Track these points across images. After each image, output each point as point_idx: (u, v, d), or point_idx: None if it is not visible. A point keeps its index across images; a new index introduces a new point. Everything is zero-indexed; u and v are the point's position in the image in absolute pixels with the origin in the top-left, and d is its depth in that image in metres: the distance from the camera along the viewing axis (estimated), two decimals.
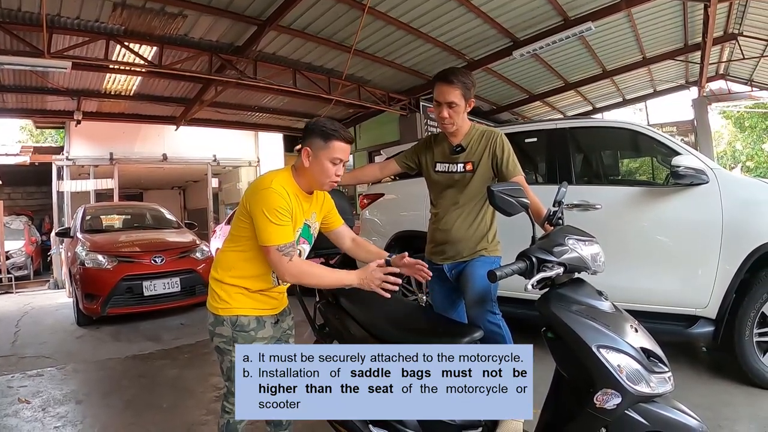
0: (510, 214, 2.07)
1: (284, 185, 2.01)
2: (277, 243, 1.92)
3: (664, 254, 3.66)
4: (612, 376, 1.69)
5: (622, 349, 1.73)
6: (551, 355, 1.94)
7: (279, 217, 1.92)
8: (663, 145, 3.80)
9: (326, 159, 2.02)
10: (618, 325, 1.82)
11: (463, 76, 2.60)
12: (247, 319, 2.06)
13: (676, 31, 9.82)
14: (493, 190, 2.04)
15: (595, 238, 2.00)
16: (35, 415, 3.56)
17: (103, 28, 7.31)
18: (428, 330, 2.31)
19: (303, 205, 2.10)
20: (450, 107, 2.59)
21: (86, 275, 6.23)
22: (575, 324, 1.78)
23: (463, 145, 2.70)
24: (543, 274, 1.81)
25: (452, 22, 8.11)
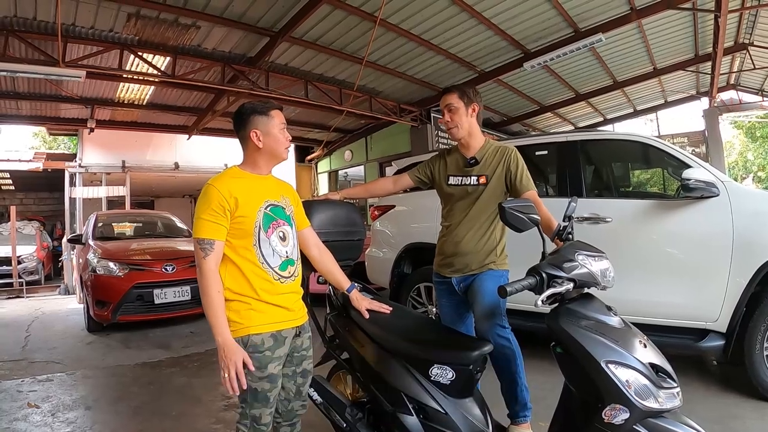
0: (521, 230, 2.10)
1: (229, 176, 2.05)
2: (197, 235, 1.94)
3: (675, 267, 3.65)
4: (620, 392, 1.69)
5: (631, 365, 1.73)
6: (560, 370, 1.95)
7: (209, 213, 1.93)
8: (673, 157, 3.80)
9: (275, 128, 2.11)
10: (627, 340, 1.82)
11: (462, 85, 2.84)
12: (260, 338, 1.96)
13: (686, 42, 9.84)
14: (504, 206, 2.07)
15: (605, 253, 2.00)
16: (45, 419, 3.58)
17: (117, 38, 7.43)
18: (438, 343, 2.33)
19: (264, 185, 2.12)
20: (449, 111, 2.76)
21: (97, 282, 6.28)
22: (584, 339, 1.80)
23: (477, 158, 2.75)
24: (553, 290, 1.83)
25: (463, 34, 8.16)
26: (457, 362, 2.16)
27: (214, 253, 1.92)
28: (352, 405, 2.48)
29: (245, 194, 2.00)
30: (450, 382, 2.14)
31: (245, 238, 1.99)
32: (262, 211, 2.03)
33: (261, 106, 2.12)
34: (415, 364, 2.22)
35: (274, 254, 2.04)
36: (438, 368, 2.15)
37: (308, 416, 3.19)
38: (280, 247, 2.07)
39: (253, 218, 2.00)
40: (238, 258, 1.98)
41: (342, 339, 2.56)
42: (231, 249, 1.98)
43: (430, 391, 2.17)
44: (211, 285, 1.90)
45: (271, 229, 2.05)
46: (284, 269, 2.07)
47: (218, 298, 1.90)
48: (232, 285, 1.97)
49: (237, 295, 1.97)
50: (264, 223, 2.03)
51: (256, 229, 2.00)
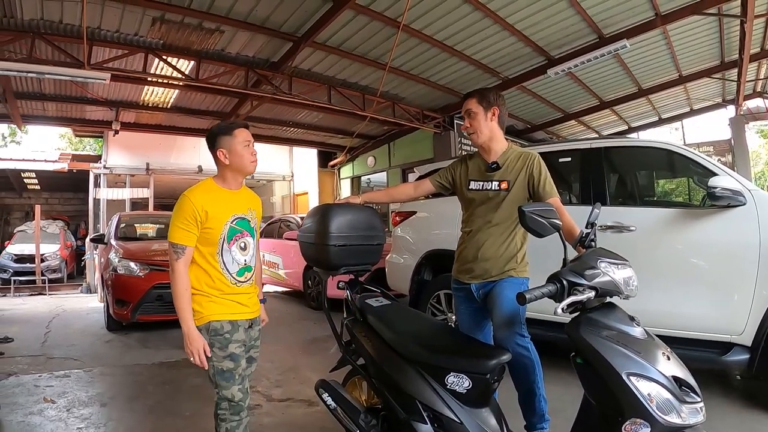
0: (541, 235, 2.03)
1: (203, 190, 2.31)
2: (172, 240, 2.24)
3: (699, 278, 3.55)
4: (642, 406, 1.63)
5: (653, 378, 1.67)
6: (579, 381, 1.89)
7: (182, 221, 2.22)
8: (699, 165, 3.70)
9: (238, 146, 2.32)
10: (650, 352, 1.75)
11: (482, 89, 2.82)
12: (219, 324, 2.27)
13: (712, 48, 9.62)
14: (524, 210, 2.01)
15: (628, 261, 1.94)
16: (59, 414, 3.62)
17: (142, 41, 7.54)
18: (455, 350, 2.28)
19: (232, 199, 2.37)
20: (468, 116, 2.74)
21: (118, 281, 6.35)
22: (605, 350, 1.73)
23: (499, 163, 2.70)
24: (573, 298, 1.77)
25: (487, 40, 8.10)
26: (474, 371, 2.10)
27: (184, 256, 2.24)
28: (367, 411, 2.44)
29: (215, 208, 2.28)
30: (466, 391, 2.09)
31: (210, 246, 2.29)
32: (228, 225, 2.31)
33: (225, 127, 2.36)
34: (431, 372, 2.17)
35: (233, 262, 2.34)
36: (454, 376, 2.10)
37: (324, 422, 3.21)
38: (240, 256, 2.36)
39: (219, 230, 2.28)
40: (204, 262, 2.30)
41: (358, 344, 2.52)
42: (198, 253, 2.29)
43: (445, 400, 2.12)
44: (181, 283, 2.22)
45: (234, 240, 2.34)
46: (241, 275, 2.37)
47: (186, 294, 2.22)
48: (197, 283, 2.28)
49: (201, 291, 2.28)
50: (228, 235, 2.31)
51: (221, 240, 2.30)
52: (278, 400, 3.85)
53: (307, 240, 2.68)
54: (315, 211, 2.76)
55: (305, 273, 8.36)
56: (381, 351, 2.35)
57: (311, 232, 2.64)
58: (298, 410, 3.67)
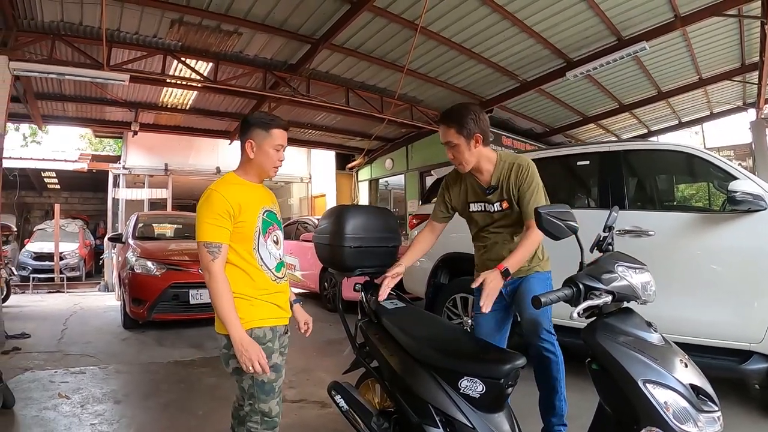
0: (558, 237, 1.99)
1: (229, 183, 2.15)
2: (204, 239, 2.02)
3: (718, 284, 3.47)
4: (658, 414, 1.59)
5: (670, 385, 1.63)
6: (595, 387, 1.86)
7: (214, 217, 2.02)
8: (720, 169, 3.63)
9: (269, 147, 2.17)
10: (667, 359, 1.71)
11: (458, 113, 2.52)
12: (262, 331, 2.10)
13: (732, 50, 9.45)
14: (540, 212, 1.96)
15: (646, 265, 1.90)
16: (73, 410, 3.65)
17: (160, 43, 7.63)
18: (469, 354, 2.25)
19: (258, 192, 2.22)
20: (450, 147, 2.55)
21: (135, 280, 6.41)
22: (621, 356, 1.69)
23: (494, 184, 2.58)
24: (590, 302, 1.74)
25: (505, 42, 8.05)
26: (488, 375, 2.06)
27: (221, 255, 2.04)
28: (379, 414, 2.42)
29: (246, 200, 2.11)
30: (479, 396, 2.05)
31: (246, 242, 2.11)
32: (260, 217, 2.16)
33: (264, 122, 2.18)
34: (444, 375, 2.14)
35: (271, 257, 2.18)
36: (468, 380, 2.07)
37: (337, 424, 3.19)
38: (275, 250, 2.21)
39: (253, 223, 2.12)
40: (241, 261, 2.10)
41: (371, 346, 2.50)
42: (232, 252, 2.09)
43: (458, 404, 2.09)
44: (222, 286, 2.01)
45: (268, 233, 2.18)
46: (279, 270, 2.22)
47: (229, 298, 2.02)
48: (234, 285, 2.07)
49: (239, 294, 2.08)
50: (262, 228, 2.15)
51: (256, 234, 2.13)
52: (291, 401, 3.84)
53: (322, 241, 2.68)
54: (330, 212, 2.76)
55: (321, 275, 8.37)
56: (394, 353, 2.32)
57: (326, 233, 2.63)
58: (311, 412, 3.66)
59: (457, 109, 2.54)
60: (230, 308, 2.00)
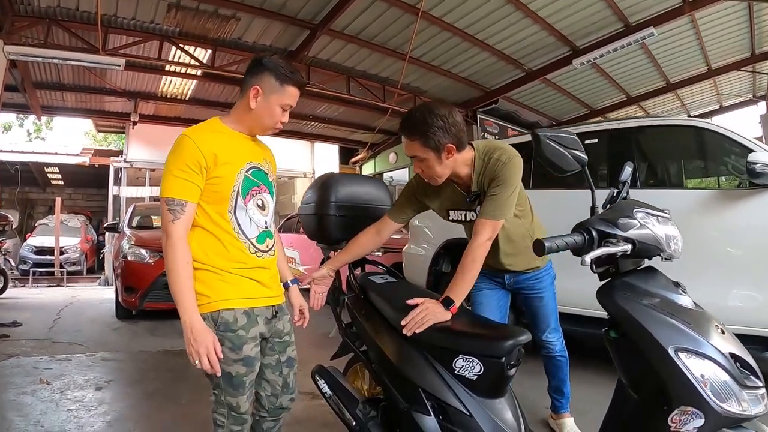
0: (562, 170, 1.67)
1: (207, 129, 1.77)
2: (166, 194, 1.64)
3: (738, 267, 3.25)
4: (694, 390, 1.29)
5: (708, 354, 1.32)
6: (614, 361, 1.54)
7: (181, 168, 1.64)
8: (736, 143, 3.40)
9: (277, 103, 1.79)
10: (701, 323, 1.40)
11: (421, 122, 1.93)
12: (231, 314, 1.70)
13: (742, 39, 9.25)
14: (539, 135, 1.63)
15: (670, 215, 1.61)
16: (52, 396, 3.52)
17: (158, 29, 7.51)
18: (464, 329, 1.91)
19: (246, 144, 1.84)
20: (419, 161, 2.02)
21: (127, 268, 6.25)
22: (647, 319, 1.39)
23: (476, 190, 2.10)
24: (605, 249, 1.42)
25: (509, 29, 7.89)
26: (487, 353, 1.75)
27: (185, 216, 1.65)
28: (366, 401, 2.14)
29: (225, 152, 1.72)
30: (477, 378, 1.74)
31: (220, 202, 1.73)
32: (242, 174, 1.77)
33: (284, 72, 1.77)
34: (437, 354, 1.84)
35: (251, 224, 1.79)
36: (463, 360, 1.76)
37: (326, 416, 2.99)
38: (259, 216, 1.82)
39: (231, 181, 1.73)
40: (211, 225, 1.73)
41: (358, 325, 2.23)
42: (203, 214, 1.72)
43: (452, 388, 1.78)
44: (179, 254, 1.63)
45: (250, 195, 1.79)
46: (262, 241, 1.83)
47: (186, 271, 1.64)
48: (200, 255, 1.70)
49: (206, 265, 1.70)
50: (243, 187, 1.76)
51: (234, 194, 1.74)
52: None
53: (307, 211, 2.46)
54: (316, 181, 2.55)
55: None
56: (381, 331, 2.06)
57: (311, 202, 2.42)
58: (300, 403, 3.45)
59: (419, 115, 1.95)
60: (185, 284, 1.62)
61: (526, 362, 2.84)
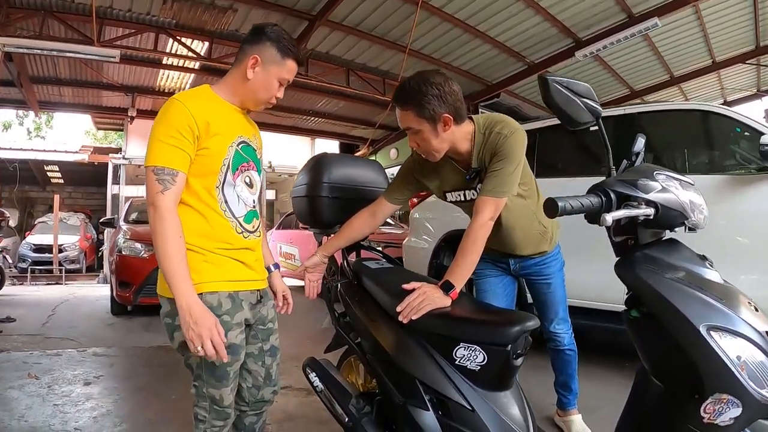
0: (575, 122, 1.48)
1: (199, 96, 1.61)
2: (154, 162, 1.48)
3: (749, 255, 3.11)
4: (729, 374, 1.11)
5: (742, 333, 1.15)
6: (635, 345, 1.36)
7: (171, 134, 1.48)
8: (747, 126, 3.26)
9: (275, 76, 1.66)
10: (733, 299, 1.22)
11: (415, 90, 1.79)
12: (215, 298, 1.56)
13: (746, 31, 9.08)
14: (548, 79, 1.43)
15: (694, 183, 1.42)
16: (39, 390, 3.42)
17: (154, 21, 7.40)
18: (466, 315, 1.73)
19: (236, 116, 1.70)
20: (414, 134, 1.87)
21: (122, 263, 6.13)
22: (674, 294, 1.21)
23: (476, 167, 1.95)
24: (627, 212, 1.24)
25: (511, 20, 7.75)
26: (491, 340, 1.57)
27: (175, 187, 1.49)
28: (359, 396, 1.97)
29: (218, 122, 1.58)
30: (480, 368, 1.56)
31: (207, 176, 1.58)
32: (233, 148, 1.63)
33: (286, 44, 1.65)
34: (436, 343, 1.67)
35: (239, 201, 1.66)
36: (464, 348, 1.58)
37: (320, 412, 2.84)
38: (247, 193, 1.69)
39: (221, 153, 1.59)
40: (196, 201, 1.58)
41: (350, 312, 2.06)
42: (187, 188, 1.56)
43: (453, 380, 1.61)
44: (170, 228, 1.46)
45: (240, 171, 1.65)
46: (249, 221, 1.70)
47: (179, 246, 1.47)
48: (185, 234, 1.53)
49: (188, 244, 1.53)
50: (234, 162, 1.63)
51: (224, 168, 1.60)
52: None
53: (299, 194, 2.31)
54: (308, 162, 2.39)
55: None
56: (375, 318, 1.89)
57: (302, 185, 2.27)
58: (293, 399, 3.35)
59: (413, 83, 1.81)
60: (179, 261, 1.45)
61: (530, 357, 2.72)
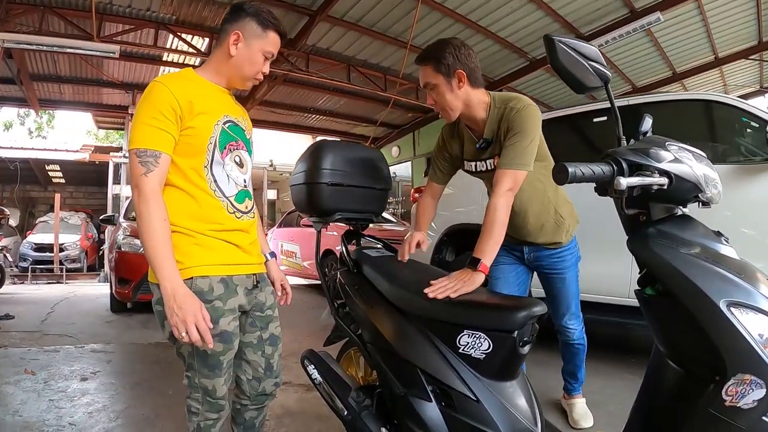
0: (582, 85, 1.39)
1: (182, 77, 1.59)
2: (137, 145, 1.45)
3: (755, 247, 3.02)
4: (752, 353, 1.05)
5: (765, 309, 1.08)
6: (650, 326, 1.30)
7: (153, 116, 1.45)
8: (753, 116, 3.18)
9: (259, 50, 1.63)
10: (751, 275, 1.15)
11: (435, 48, 1.97)
12: (207, 282, 1.52)
13: (749, 26, 9.02)
14: (554, 39, 1.36)
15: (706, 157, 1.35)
16: (35, 386, 3.37)
17: (154, 17, 7.36)
18: (469, 301, 1.64)
19: (223, 97, 1.68)
20: (431, 90, 2.00)
21: (121, 259, 6.07)
22: (691, 269, 1.14)
23: (487, 137, 2.04)
24: (641, 180, 1.17)
25: (512, 15, 7.72)
26: (496, 327, 1.49)
27: (159, 169, 1.46)
28: (359, 389, 1.91)
29: (202, 101, 1.55)
30: (485, 356, 1.49)
31: (195, 156, 1.54)
32: (219, 126, 1.59)
33: (266, 17, 1.63)
34: (438, 330, 1.60)
35: (230, 181, 1.62)
36: (469, 335, 1.51)
37: (320, 408, 2.80)
38: (237, 172, 1.65)
39: (208, 132, 1.56)
40: (185, 182, 1.54)
41: (350, 301, 2.00)
42: (175, 170, 1.53)
43: (456, 369, 1.53)
44: (154, 210, 1.42)
45: (228, 150, 1.62)
46: (241, 201, 1.66)
47: (163, 229, 1.43)
48: (174, 216, 1.50)
49: (177, 227, 1.50)
50: (221, 140, 1.59)
51: (210, 146, 1.56)
52: None
53: (297, 182, 2.24)
54: (306, 150, 2.33)
55: (321, 261, 8.01)
56: (375, 306, 1.84)
57: (301, 172, 2.21)
58: (293, 395, 3.30)
59: (435, 43, 1.99)
60: (164, 244, 1.41)
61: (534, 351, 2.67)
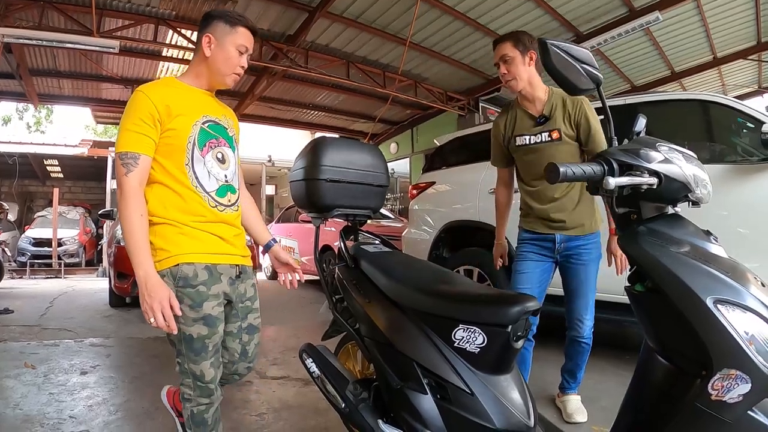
0: (575, 87, 1.42)
1: (161, 84, 1.74)
2: (120, 149, 1.60)
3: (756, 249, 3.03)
4: (738, 349, 1.10)
5: (751, 307, 1.12)
6: (640, 321, 1.35)
7: (134, 121, 1.61)
8: (748, 116, 3.20)
9: (232, 45, 1.76)
10: (739, 273, 1.19)
11: (517, 32, 2.50)
12: (192, 269, 1.65)
13: (748, 26, 9.03)
14: (547, 42, 1.39)
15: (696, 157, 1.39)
16: (35, 380, 3.40)
17: (154, 12, 7.36)
18: (466, 295, 1.70)
19: (201, 98, 1.80)
20: (505, 62, 2.45)
21: (120, 254, 6.08)
22: (679, 266, 1.19)
23: (546, 114, 2.48)
24: (630, 179, 1.23)
25: (511, 13, 7.73)
26: (490, 321, 1.53)
27: (138, 169, 1.60)
28: (357, 382, 1.94)
29: (179, 104, 1.69)
30: (479, 350, 1.53)
31: (176, 155, 1.68)
32: (198, 126, 1.72)
33: (233, 16, 1.78)
34: (434, 324, 1.64)
35: (210, 176, 1.74)
36: (464, 329, 1.55)
37: (318, 402, 2.84)
38: (218, 169, 1.77)
39: (186, 132, 1.69)
40: (169, 179, 1.68)
41: (347, 296, 2.03)
42: (160, 169, 1.67)
43: (451, 362, 1.58)
44: (133, 206, 1.57)
45: (208, 147, 1.74)
46: (222, 195, 1.77)
47: (141, 223, 1.58)
48: (158, 209, 1.66)
49: (165, 219, 1.66)
50: (199, 139, 1.72)
51: (190, 145, 1.69)
52: (272, 377, 3.56)
53: (296, 178, 2.27)
54: (306, 146, 2.36)
55: (320, 256, 8.05)
56: (372, 301, 1.88)
57: (300, 168, 2.23)
58: (291, 389, 3.34)
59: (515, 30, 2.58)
60: (139, 235, 1.56)
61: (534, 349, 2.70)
